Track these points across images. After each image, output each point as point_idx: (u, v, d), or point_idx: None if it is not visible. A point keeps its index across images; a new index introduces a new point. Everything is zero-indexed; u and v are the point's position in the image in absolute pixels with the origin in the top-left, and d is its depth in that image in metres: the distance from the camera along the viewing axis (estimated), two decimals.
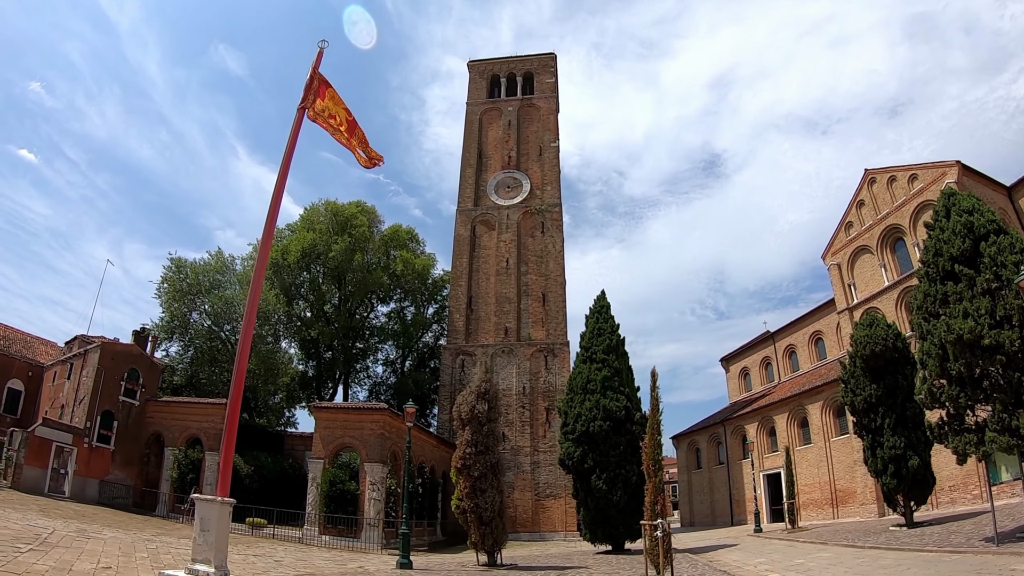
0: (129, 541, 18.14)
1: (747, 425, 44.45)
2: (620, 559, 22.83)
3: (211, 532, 10.46)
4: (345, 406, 31.74)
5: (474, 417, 21.78)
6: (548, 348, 40.85)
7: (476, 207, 45.13)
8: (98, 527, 20.77)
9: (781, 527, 36.33)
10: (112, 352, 35.05)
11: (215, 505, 10.73)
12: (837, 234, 40.53)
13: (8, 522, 16.92)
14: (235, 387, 11.99)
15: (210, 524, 10.53)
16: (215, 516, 10.60)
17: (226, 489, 11.22)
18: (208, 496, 10.92)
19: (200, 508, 10.70)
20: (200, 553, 10.42)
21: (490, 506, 20.95)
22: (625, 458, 26.15)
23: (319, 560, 20.70)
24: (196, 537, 10.48)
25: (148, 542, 18.80)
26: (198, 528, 10.52)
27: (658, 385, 16.34)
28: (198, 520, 10.57)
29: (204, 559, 10.38)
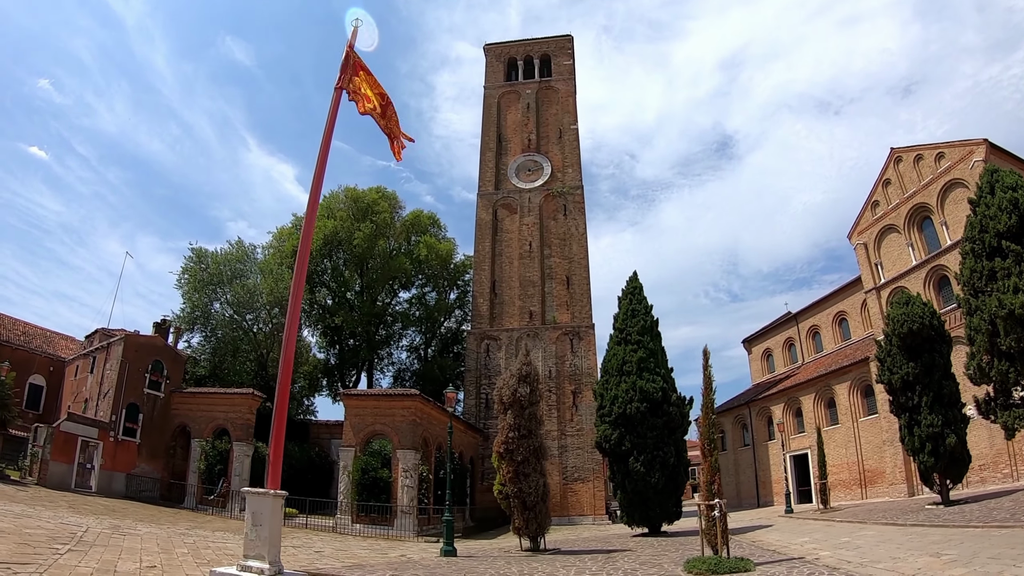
0: (165, 536, 17.80)
1: (773, 406, 43.86)
2: (661, 541, 22.29)
3: (264, 527, 10.16)
4: (375, 393, 31.26)
5: (516, 400, 21.33)
6: (574, 331, 40.28)
7: (497, 191, 44.63)
8: (131, 522, 20.44)
9: (811, 508, 36.02)
10: (136, 344, 34.38)
11: (268, 498, 10.43)
12: (863, 213, 39.69)
13: (41, 521, 16.50)
14: (283, 375, 11.50)
15: (263, 518, 10.24)
16: (268, 510, 10.32)
17: (277, 481, 10.83)
18: (260, 489, 10.59)
19: (252, 502, 10.41)
20: (252, 549, 10.14)
21: (534, 491, 20.55)
22: (662, 440, 25.61)
23: (359, 549, 20.30)
24: (248, 532, 10.19)
25: (184, 536, 18.52)
26: (250, 523, 10.23)
27: (710, 364, 16.02)
28: (249, 515, 10.28)
29: (257, 555, 10.10)
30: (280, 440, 11.37)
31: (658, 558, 16.64)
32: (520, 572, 14.27)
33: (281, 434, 11.39)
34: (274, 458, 11.17)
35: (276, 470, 11.14)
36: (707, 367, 15.74)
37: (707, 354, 16.43)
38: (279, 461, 11.29)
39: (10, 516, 16.23)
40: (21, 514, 17.24)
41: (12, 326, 42.23)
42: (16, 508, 18.58)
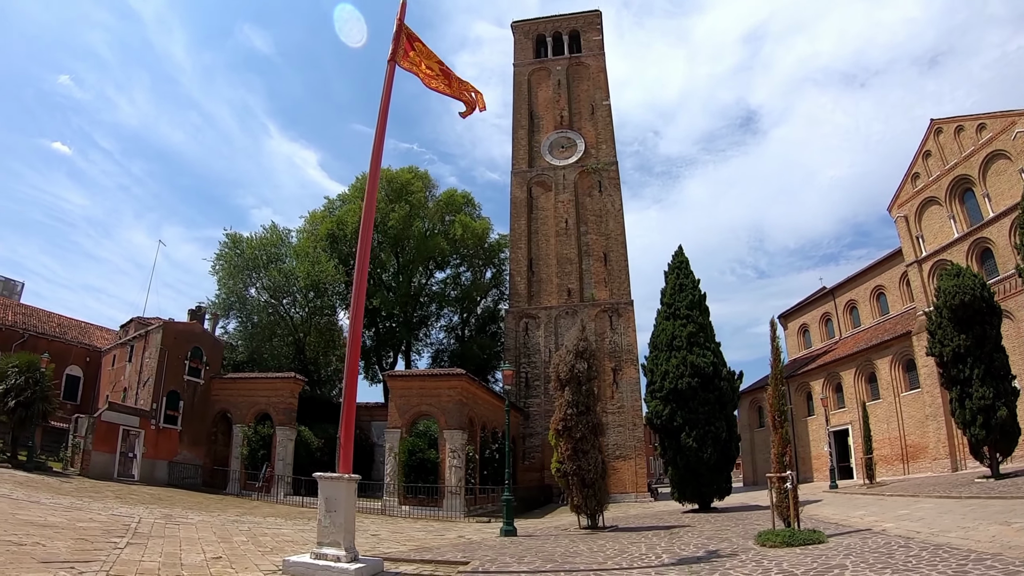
0: (219, 524, 17.44)
1: (812, 382, 43.19)
2: (716, 517, 21.86)
3: (339, 512, 9.92)
4: (421, 373, 30.74)
5: (574, 376, 20.84)
6: (612, 308, 39.47)
7: (531, 168, 43.81)
8: (180, 511, 20.12)
9: (855, 483, 35.54)
10: (174, 332, 33.84)
11: (343, 483, 10.19)
12: (903, 185, 38.74)
13: (92, 513, 16.24)
14: (351, 354, 11.24)
15: (337, 504, 9.99)
16: (343, 495, 10.09)
17: (349, 464, 10.55)
18: (334, 474, 10.34)
19: (325, 487, 10.14)
20: (327, 535, 9.87)
21: (593, 468, 20.10)
22: (714, 415, 25.32)
23: (414, 531, 19.75)
24: (321, 519, 9.94)
25: (237, 524, 18.13)
26: (323, 509, 9.97)
27: (777, 335, 15.71)
28: (323, 501, 10.03)
29: (332, 541, 9.83)
30: (351, 421, 10.93)
31: (722, 532, 16.38)
32: (591, 549, 13.92)
33: (351, 415, 10.96)
34: (345, 440, 10.82)
35: (348, 452, 10.73)
36: (774, 339, 15.63)
37: (774, 325, 16.26)
38: (350, 443, 10.87)
39: (60, 509, 15.94)
40: (71, 507, 16.96)
41: (47, 318, 42.02)
42: (64, 500, 18.31)
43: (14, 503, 15.96)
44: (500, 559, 12.66)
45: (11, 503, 15.90)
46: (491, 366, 47.89)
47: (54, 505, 16.78)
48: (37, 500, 17.42)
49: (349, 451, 10.85)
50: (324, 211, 49.82)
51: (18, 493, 18.24)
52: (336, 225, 46.27)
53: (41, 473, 25.62)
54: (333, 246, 45.52)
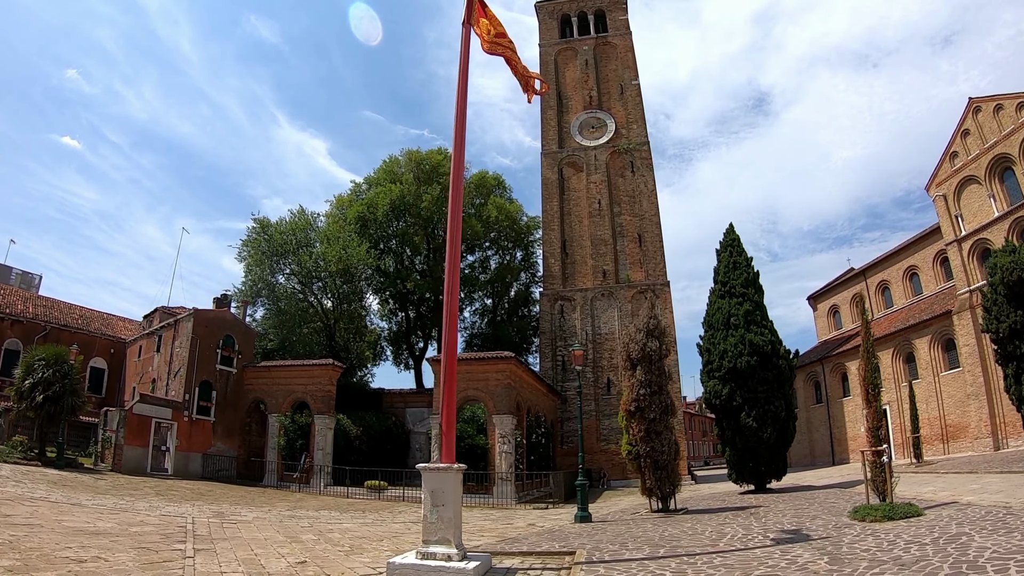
0: (276, 521, 16.37)
1: (848, 362, 41.14)
2: (780, 498, 20.74)
3: (448, 506, 9.14)
4: (467, 357, 29.36)
5: (646, 355, 19.89)
6: (649, 289, 38.20)
7: (561, 149, 42.73)
8: (228, 507, 19.17)
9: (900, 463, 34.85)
10: (206, 319, 32.37)
11: (451, 475, 9.39)
12: (941, 164, 37.30)
13: (139, 514, 15.08)
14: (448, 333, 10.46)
15: (446, 497, 9.21)
16: (451, 487, 9.31)
17: (452, 454, 9.82)
18: (440, 464, 9.51)
19: (430, 480, 9.34)
20: (435, 532, 9.05)
21: (667, 449, 19.31)
22: (773, 394, 24.21)
23: (480, 522, 18.44)
24: (427, 515, 9.15)
25: (295, 520, 17.06)
26: (429, 503, 9.19)
27: (868, 308, 15.16)
28: (428, 494, 9.25)
29: (441, 539, 9.02)
30: (452, 405, 10.16)
31: (804, 511, 15.78)
32: (684, 532, 13.18)
33: (452, 399, 10.18)
34: (447, 427, 10.04)
35: (450, 440, 9.99)
36: (864, 311, 15.79)
37: (861, 297, 16.09)
38: (452, 431, 10.12)
39: (106, 512, 14.78)
40: (116, 508, 15.82)
41: (68, 310, 40.45)
42: (107, 501, 17.19)
43: (55, 507, 14.54)
44: (603, 547, 11.66)
45: (52, 507, 14.46)
46: (524, 349, 46.44)
47: (97, 507, 15.50)
48: (78, 502, 16.09)
49: (452, 439, 10.06)
50: (351, 195, 48.51)
51: (56, 494, 16.90)
52: (366, 208, 44.73)
53: (72, 470, 24.15)
54: (363, 229, 43.94)
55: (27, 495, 15.81)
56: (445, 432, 9.98)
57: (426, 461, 33.43)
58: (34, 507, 13.96)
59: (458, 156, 11.28)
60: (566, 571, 9.67)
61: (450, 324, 10.51)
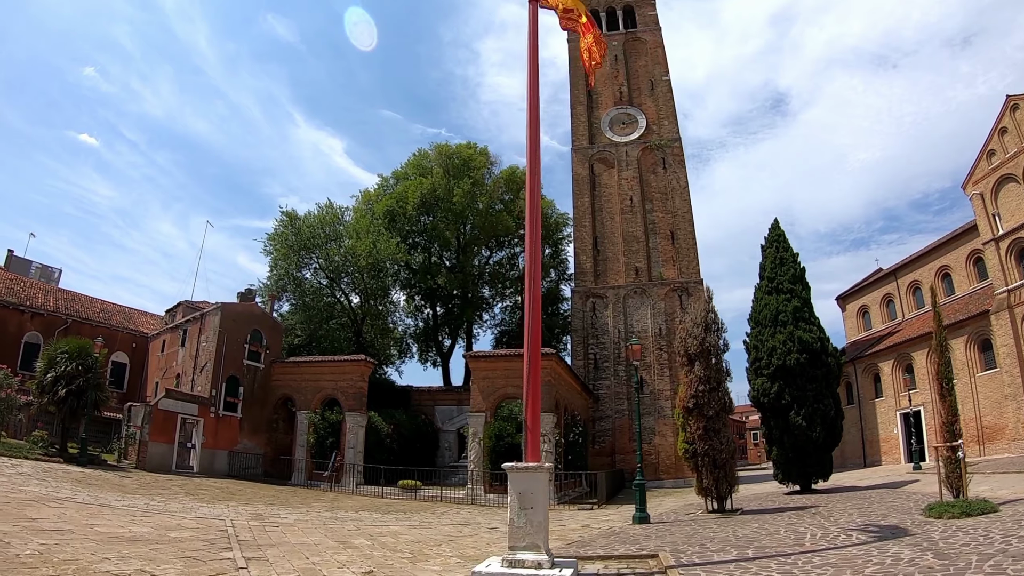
0: (320, 523, 15.60)
1: (880, 363, 40.47)
2: (831, 498, 20.12)
3: (537, 510, 8.48)
4: (506, 353, 28.58)
5: (704, 350, 19.30)
6: (682, 287, 37.53)
7: (592, 145, 41.81)
8: (265, 508, 18.25)
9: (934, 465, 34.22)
10: (233, 314, 31.25)
11: (540, 474, 8.76)
12: (978, 163, 36.41)
13: (173, 516, 14.14)
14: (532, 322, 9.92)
15: (535, 499, 8.54)
16: (540, 488, 8.69)
17: (538, 452, 9.12)
18: (529, 463, 8.82)
19: (518, 480, 8.68)
20: (523, 537, 8.39)
21: (725, 447, 18.76)
22: (821, 392, 23.54)
23: None
24: (514, 519, 8.47)
25: (338, 522, 16.28)
26: (516, 506, 8.50)
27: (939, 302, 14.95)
28: (516, 497, 8.56)
29: (530, 545, 8.34)
30: (537, 400, 9.47)
31: (868, 510, 15.46)
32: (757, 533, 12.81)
33: (537, 393, 9.49)
34: (532, 423, 9.36)
35: (536, 438, 9.27)
36: (936, 304, 16.08)
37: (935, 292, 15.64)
38: (538, 425, 9.45)
39: (138, 514, 13.87)
40: (147, 509, 14.92)
41: (89, 304, 39.41)
42: (137, 502, 16.14)
43: (83, 509, 13.40)
44: (683, 549, 11.14)
45: (80, 509, 13.30)
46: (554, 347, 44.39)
47: (128, 509, 14.50)
48: (107, 502, 14.94)
49: (537, 435, 9.33)
50: (378, 189, 47.59)
51: (82, 494, 15.75)
52: (396, 202, 43.77)
53: (96, 468, 22.94)
54: (392, 224, 43.02)
55: (52, 495, 14.74)
56: (530, 428, 9.29)
57: (455, 460, 32.95)
58: (61, 509, 12.89)
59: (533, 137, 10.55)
60: (660, 574, 9.11)
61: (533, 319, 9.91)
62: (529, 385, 9.48)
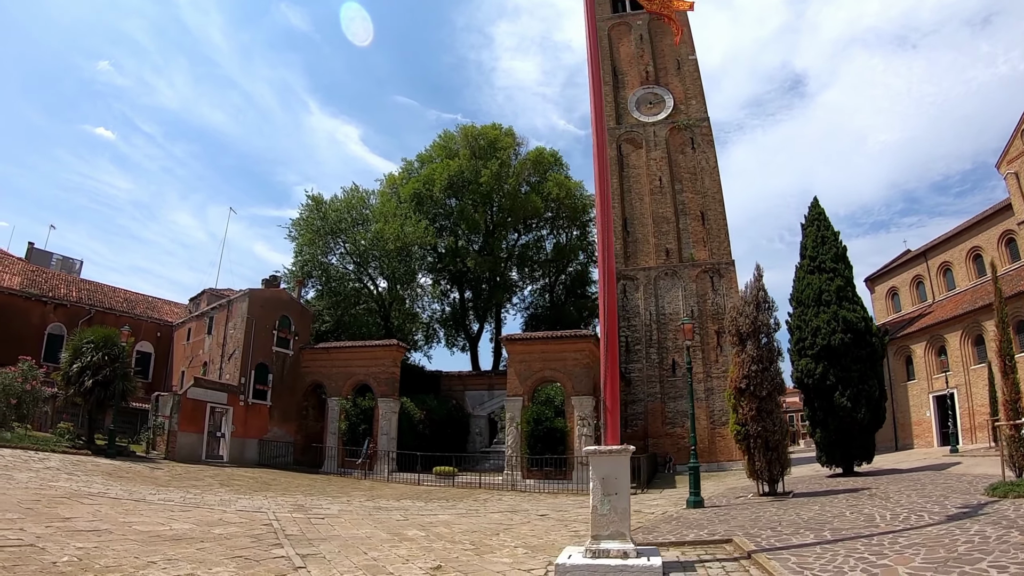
0: (365, 514, 14.99)
1: (913, 345, 39.95)
2: (878, 480, 19.11)
3: (620, 496, 8.17)
4: (543, 336, 27.78)
5: (756, 329, 18.95)
6: (713, 269, 37.00)
7: (619, 125, 40.91)
8: (304, 499, 17.56)
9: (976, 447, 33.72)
10: (261, 300, 30.65)
11: (623, 457, 8.47)
12: (1013, 141, 35.48)
13: (214, 510, 13.46)
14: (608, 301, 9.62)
15: (618, 484, 8.22)
16: (623, 473, 8.37)
17: (617, 435, 8.76)
18: (613, 447, 8.48)
19: (601, 465, 8.35)
20: (606, 525, 8.04)
21: (778, 429, 18.41)
22: (866, 373, 22.90)
23: (578, 509, 17.27)
24: (597, 506, 8.13)
25: (383, 512, 15.57)
26: (600, 493, 8.16)
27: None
28: (598, 482, 8.23)
29: (614, 533, 8.00)
30: (615, 379, 9.11)
31: (925, 491, 15.01)
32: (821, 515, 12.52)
33: (615, 372, 9.17)
34: (612, 405, 8.96)
35: (616, 420, 8.90)
36: (997, 280, 15.64)
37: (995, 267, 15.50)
38: (617, 408, 9.05)
39: (177, 508, 13.29)
40: (184, 503, 14.28)
41: (112, 294, 38.96)
42: (172, 495, 15.53)
43: (118, 504, 12.66)
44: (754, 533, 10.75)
45: (114, 505, 12.55)
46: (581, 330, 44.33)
47: (165, 503, 13.87)
48: (141, 497, 14.26)
49: (617, 417, 8.94)
50: (403, 173, 46.84)
51: (115, 488, 15.04)
52: (422, 185, 42.98)
53: (125, 459, 22.25)
54: (419, 207, 42.27)
55: (84, 490, 14.01)
56: (610, 410, 8.87)
57: (486, 446, 32.57)
58: (95, 505, 12.12)
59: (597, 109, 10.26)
60: (746, 560, 8.76)
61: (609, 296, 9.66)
62: (607, 365, 9.13)
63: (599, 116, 10.36)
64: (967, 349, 37.10)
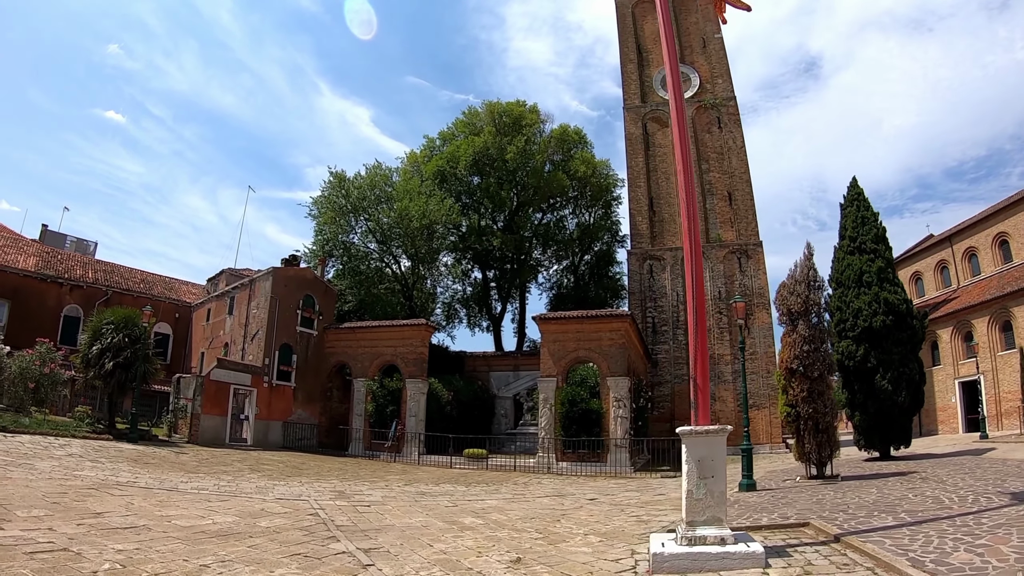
0: (410, 499, 14.45)
1: (939, 330, 39.50)
2: (919, 464, 19.04)
3: (717, 479, 7.79)
4: (578, 315, 26.99)
5: (808, 308, 18.82)
6: (741, 249, 36.56)
7: (644, 104, 40.50)
8: (339, 483, 17.06)
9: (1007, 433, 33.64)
10: (284, 278, 29.88)
11: (720, 438, 8.05)
12: None
13: (251, 499, 12.66)
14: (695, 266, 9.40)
15: (715, 467, 7.82)
16: (720, 454, 7.97)
17: (707, 414, 8.31)
18: (710, 427, 8.08)
19: (697, 446, 7.91)
20: (703, 510, 7.65)
21: (829, 410, 18.21)
22: (907, 356, 22.77)
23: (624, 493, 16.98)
24: (692, 490, 7.73)
25: (429, 497, 14.95)
26: (695, 475, 7.76)
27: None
28: (694, 464, 7.83)
29: (711, 518, 7.62)
30: (705, 358, 8.66)
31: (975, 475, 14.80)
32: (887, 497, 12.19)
33: (705, 352, 8.74)
34: (702, 383, 8.45)
35: (706, 398, 8.38)
36: None
37: None
38: (707, 385, 8.50)
39: (213, 497, 12.47)
40: (219, 491, 13.48)
41: (129, 275, 38.24)
42: (205, 482, 14.68)
43: (150, 495, 11.81)
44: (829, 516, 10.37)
45: (147, 496, 11.68)
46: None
47: (199, 492, 12.97)
48: (173, 486, 13.39)
49: (707, 394, 8.43)
50: (424, 150, 45.85)
51: (144, 476, 14.18)
52: (446, 162, 42.20)
53: (147, 444, 21.46)
54: (442, 185, 41.56)
55: (111, 479, 13.10)
56: (700, 387, 8.36)
57: (511, 428, 32.28)
58: (127, 497, 11.21)
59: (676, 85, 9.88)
60: (835, 544, 8.48)
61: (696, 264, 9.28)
62: (696, 338, 8.88)
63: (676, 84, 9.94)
64: (994, 335, 36.82)
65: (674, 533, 8.20)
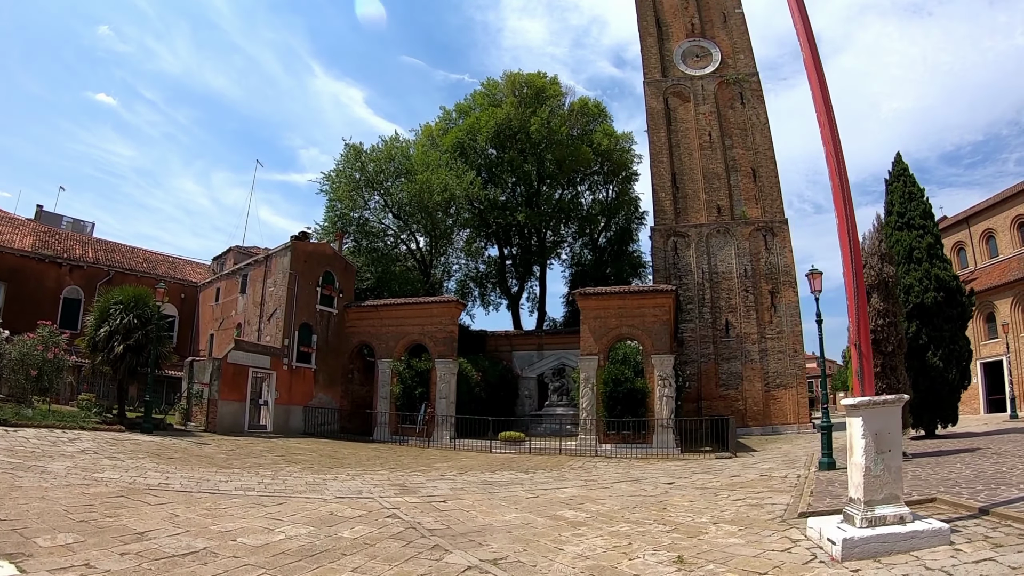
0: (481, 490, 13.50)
1: None
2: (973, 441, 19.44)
3: (894, 453, 7.49)
4: (620, 291, 26.34)
5: (882, 281, 18.64)
6: (767, 227, 36.20)
7: (665, 78, 39.95)
8: (389, 473, 15.88)
9: None
10: (304, 253, 28.50)
11: (896, 409, 7.68)
12: None
13: (309, 500, 11.07)
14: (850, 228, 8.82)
15: (892, 440, 7.48)
16: (896, 427, 7.64)
17: (872, 384, 8.00)
18: (888, 397, 7.73)
19: (873, 419, 7.52)
20: (880, 488, 7.33)
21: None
22: (956, 333, 22.50)
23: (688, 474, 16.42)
24: (870, 466, 7.37)
25: (499, 488, 13.77)
26: (871, 450, 7.41)
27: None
28: (871, 438, 7.45)
29: (888, 496, 7.32)
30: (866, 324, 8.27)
31: None
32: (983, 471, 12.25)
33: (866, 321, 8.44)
34: (866, 351, 8.11)
35: (869, 367, 8.12)
36: None
37: None
38: (870, 353, 8.24)
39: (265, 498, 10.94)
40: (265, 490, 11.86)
41: (131, 254, 36.76)
42: (245, 480, 13.10)
43: (192, 501, 10.17)
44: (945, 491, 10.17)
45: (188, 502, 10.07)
46: None
47: (245, 494, 11.34)
48: (213, 487, 11.81)
49: (870, 363, 8.11)
50: (440, 123, 44.78)
51: (176, 476, 12.52)
52: (466, 134, 41.09)
53: (163, 434, 19.94)
54: (462, 157, 40.46)
55: (140, 482, 11.35)
56: (865, 355, 8.01)
57: (536, 409, 31.48)
58: (167, 506, 9.47)
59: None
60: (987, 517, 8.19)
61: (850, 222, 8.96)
62: (857, 303, 8.65)
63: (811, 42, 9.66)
64: (1017, 316, 37.24)
65: (835, 516, 8.02)
